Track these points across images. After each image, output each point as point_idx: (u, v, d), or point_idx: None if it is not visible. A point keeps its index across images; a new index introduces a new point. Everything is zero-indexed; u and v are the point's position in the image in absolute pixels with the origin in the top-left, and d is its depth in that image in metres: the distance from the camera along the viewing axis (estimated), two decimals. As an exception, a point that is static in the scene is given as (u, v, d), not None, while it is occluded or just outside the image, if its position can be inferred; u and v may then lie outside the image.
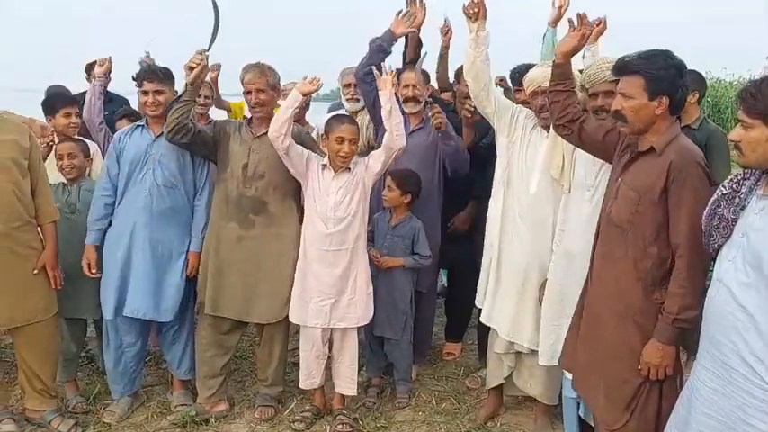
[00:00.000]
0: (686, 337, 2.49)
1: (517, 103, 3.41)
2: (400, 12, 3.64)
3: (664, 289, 2.26)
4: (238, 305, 3.33)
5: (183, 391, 3.57)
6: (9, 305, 2.99)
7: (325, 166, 3.25)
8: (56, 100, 3.81)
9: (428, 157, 3.72)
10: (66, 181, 3.51)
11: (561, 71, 2.68)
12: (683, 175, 2.20)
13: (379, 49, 3.60)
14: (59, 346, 3.34)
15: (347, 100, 4.18)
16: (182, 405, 3.47)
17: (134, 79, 3.36)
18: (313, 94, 3.46)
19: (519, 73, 3.65)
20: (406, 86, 3.74)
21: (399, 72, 3.84)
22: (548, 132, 3.04)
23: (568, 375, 2.71)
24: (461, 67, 3.50)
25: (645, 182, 2.28)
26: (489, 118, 3.25)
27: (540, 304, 2.99)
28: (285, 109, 3.16)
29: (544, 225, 3.04)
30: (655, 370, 2.26)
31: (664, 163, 2.23)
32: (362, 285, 3.27)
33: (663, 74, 2.26)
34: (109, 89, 4.22)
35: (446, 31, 4.53)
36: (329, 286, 3.21)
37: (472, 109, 3.53)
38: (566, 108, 2.65)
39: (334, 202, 3.19)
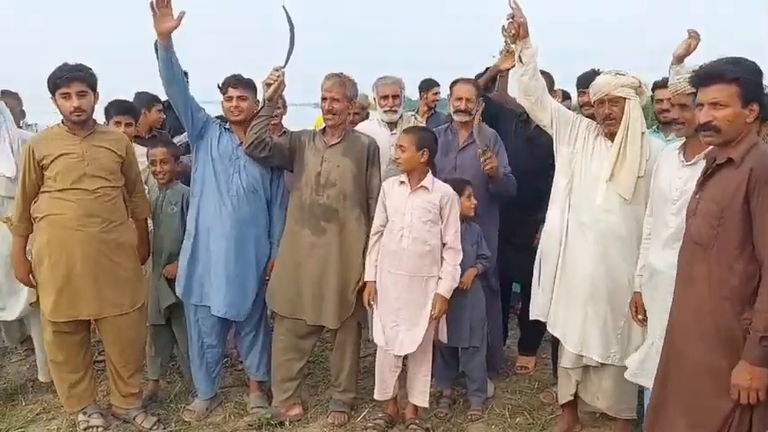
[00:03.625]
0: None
1: (581, 106, 3.35)
2: None
3: (753, 307, 2.12)
4: (311, 310, 3.39)
5: (260, 393, 3.66)
6: (99, 297, 3.17)
7: (402, 182, 3.26)
8: (110, 107, 3.90)
9: (479, 172, 3.66)
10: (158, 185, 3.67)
11: None
12: (764, 182, 2.10)
13: None
14: (144, 344, 3.50)
15: (385, 112, 4.12)
16: (258, 407, 3.55)
17: (219, 87, 3.49)
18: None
19: (585, 78, 3.59)
20: (459, 99, 3.75)
21: (454, 83, 3.86)
22: (611, 141, 3.00)
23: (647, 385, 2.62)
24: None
25: (725, 194, 2.18)
26: (547, 129, 3.23)
27: (635, 320, 2.93)
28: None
29: (614, 235, 2.98)
30: (745, 393, 2.12)
31: (743, 172, 2.14)
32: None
33: (754, 79, 2.18)
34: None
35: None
36: (403, 312, 3.22)
37: None
38: None
39: (410, 221, 3.19)
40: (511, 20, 3.01)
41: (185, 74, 5.74)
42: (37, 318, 3.42)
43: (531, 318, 3.41)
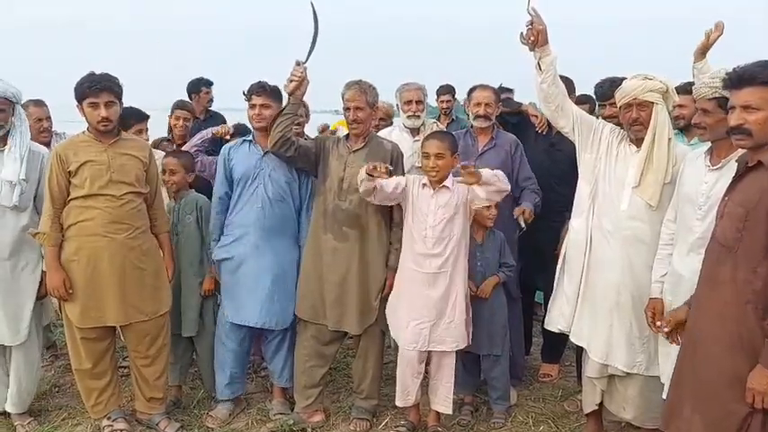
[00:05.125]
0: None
1: (604, 118, 3.33)
2: None
3: None
4: (332, 315, 3.41)
5: (282, 399, 3.67)
6: (126, 304, 3.20)
7: (425, 184, 3.27)
8: (130, 115, 3.83)
9: None
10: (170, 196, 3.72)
11: None
12: None
13: None
14: (168, 349, 3.51)
15: (408, 117, 4.15)
16: (280, 414, 3.56)
17: (244, 94, 3.52)
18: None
19: (604, 87, 3.55)
20: (478, 104, 3.79)
21: (472, 89, 3.89)
22: (637, 147, 2.97)
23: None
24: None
25: (753, 197, 2.14)
26: (570, 136, 3.21)
27: (651, 326, 2.87)
28: None
29: (639, 241, 2.94)
30: (760, 397, 2.09)
31: None
32: (461, 309, 3.25)
33: None
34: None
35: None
36: (428, 309, 3.21)
37: None
38: None
39: (434, 221, 3.19)
40: (530, 26, 3.00)
41: (209, 83, 5.75)
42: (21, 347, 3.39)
43: (547, 328, 3.38)
